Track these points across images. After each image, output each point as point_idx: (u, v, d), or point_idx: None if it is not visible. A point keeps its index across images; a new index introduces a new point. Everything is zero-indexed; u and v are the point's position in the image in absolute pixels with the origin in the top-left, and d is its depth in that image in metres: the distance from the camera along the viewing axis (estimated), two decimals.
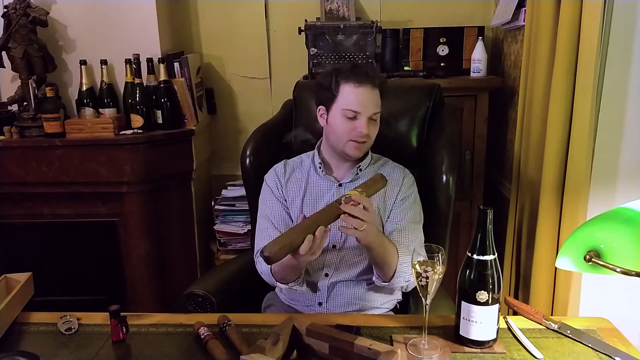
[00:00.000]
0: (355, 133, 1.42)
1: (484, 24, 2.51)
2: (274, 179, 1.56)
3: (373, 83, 1.42)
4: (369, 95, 1.41)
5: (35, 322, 1.28)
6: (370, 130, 1.43)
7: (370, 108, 1.41)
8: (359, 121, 1.41)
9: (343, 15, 2.54)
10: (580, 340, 1.16)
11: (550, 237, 1.63)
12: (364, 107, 1.41)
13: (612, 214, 1.12)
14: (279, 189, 1.54)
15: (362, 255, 1.49)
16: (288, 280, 1.43)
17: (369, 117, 1.42)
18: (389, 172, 1.52)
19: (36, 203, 2.33)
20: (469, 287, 1.11)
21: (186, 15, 2.68)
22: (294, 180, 1.55)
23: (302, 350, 1.10)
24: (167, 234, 2.44)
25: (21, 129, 2.27)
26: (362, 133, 1.41)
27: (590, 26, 1.43)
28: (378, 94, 1.45)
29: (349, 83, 1.41)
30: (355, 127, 1.41)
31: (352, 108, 1.41)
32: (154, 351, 1.16)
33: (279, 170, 1.57)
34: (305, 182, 1.53)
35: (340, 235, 1.47)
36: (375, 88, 1.43)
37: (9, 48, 2.24)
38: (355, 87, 1.41)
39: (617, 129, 1.54)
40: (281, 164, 1.59)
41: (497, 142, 2.50)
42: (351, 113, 1.41)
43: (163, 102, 2.32)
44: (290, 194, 1.53)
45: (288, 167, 1.58)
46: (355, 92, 1.41)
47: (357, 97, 1.41)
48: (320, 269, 1.51)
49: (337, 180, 1.52)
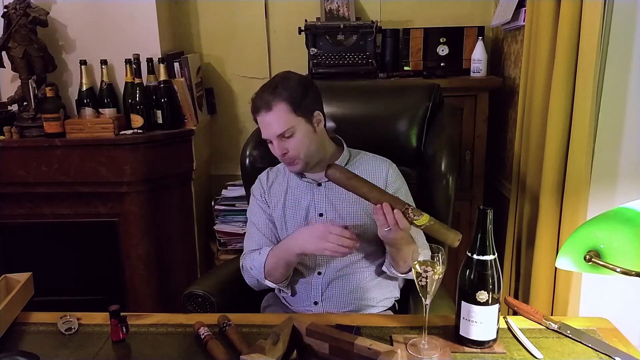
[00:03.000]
0: (277, 156, 1.48)
1: (484, 24, 2.51)
2: (258, 189, 1.61)
3: (267, 107, 1.41)
4: (267, 122, 1.43)
5: (35, 322, 1.28)
6: (289, 147, 1.44)
7: (272, 131, 1.43)
8: (273, 144, 1.46)
9: (343, 15, 2.54)
10: (580, 340, 1.16)
11: (550, 237, 1.63)
12: (267, 133, 1.45)
13: (612, 214, 1.12)
14: (262, 196, 1.59)
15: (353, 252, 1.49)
16: (275, 277, 1.46)
17: (279, 138, 1.43)
18: (371, 167, 1.53)
19: (36, 203, 2.33)
20: (469, 287, 1.11)
21: (186, 15, 2.68)
22: (276, 185, 1.59)
23: (302, 350, 1.10)
24: (167, 234, 2.43)
25: (21, 129, 2.27)
26: (279, 154, 1.46)
27: (590, 26, 1.43)
28: (282, 110, 1.41)
29: (253, 114, 1.47)
30: (274, 150, 1.47)
31: (264, 136, 1.47)
32: (154, 351, 1.16)
33: (262, 178, 1.62)
34: (286, 186, 1.57)
35: None
36: (269, 110, 1.41)
37: (9, 48, 2.24)
38: (258, 116, 1.45)
39: (617, 129, 1.54)
40: (265, 172, 1.64)
41: (497, 142, 2.50)
42: (268, 140, 1.47)
43: (163, 102, 2.32)
44: (272, 199, 1.57)
45: (271, 174, 1.62)
46: (260, 121, 1.46)
47: (261, 125, 1.46)
48: (312, 269, 1.52)
49: (315, 181, 1.54)
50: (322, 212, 1.52)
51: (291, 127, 1.42)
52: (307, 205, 1.52)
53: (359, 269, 1.51)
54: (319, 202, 1.52)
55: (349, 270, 1.50)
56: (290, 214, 1.54)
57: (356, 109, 1.80)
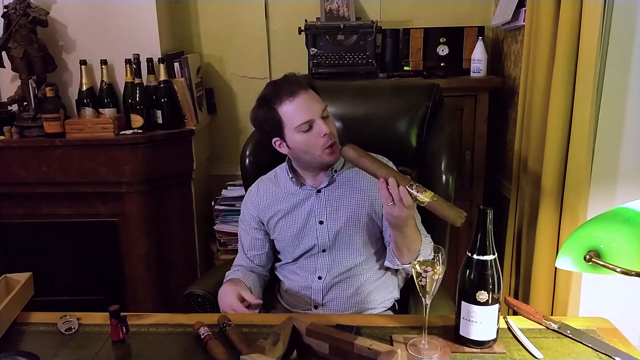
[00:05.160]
0: (322, 140, 1.39)
1: (484, 24, 2.51)
2: (247, 205, 1.57)
3: (302, 87, 1.39)
4: (307, 99, 1.38)
5: (35, 322, 1.27)
6: (331, 127, 1.41)
7: (316, 108, 1.39)
8: (317, 126, 1.38)
9: (343, 15, 2.54)
10: (580, 340, 1.16)
11: (550, 237, 1.63)
12: (312, 112, 1.38)
13: (612, 214, 1.12)
14: (254, 211, 1.54)
15: (353, 254, 1.49)
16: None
17: (322, 117, 1.39)
18: None
19: (36, 203, 2.33)
20: (469, 287, 1.11)
21: (186, 15, 2.68)
22: (271, 195, 1.54)
23: (302, 350, 1.10)
24: (167, 234, 2.44)
25: (21, 129, 2.27)
26: (327, 134, 1.38)
27: (590, 26, 1.43)
28: (313, 92, 1.42)
29: (284, 102, 1.38)
30: (318, 133, 1.38)
31: (303, 120, 1.37)
32: (154, 351, 1.16)
33: (252, 191, 1.58)
34: (284, 194, 1.53)
35: (329, 237, 1.48)
36: (307, 89, 1.40)
37: (9, 48, 2.24)
38: (292, 102, 1.38)
39: (617, 129, 1.54)
40: (254, 185, 1.59)
41: (497, 142, 2.50)
42: (305, 125, 1.38)
43: (163, 102, 2.32)
44: (268, 211, 1.53)
45: (262, 185, 1.57)
46: (295, 106, 1.38)
47: (299, 108, 1.38)
48: (312, 273, 1.51)
49: (314, 188, 1.51)
50: (323, 220, 1.49)
51: (326, 106, 1.41)
52: (307, 214, 1.50)
53: (359, 272, 1.50)
54: (319, 209, 1.50)
55: (350, 274, 1.50)
56: (290, 223, 1.51)
57: (356, 109, 1.80)
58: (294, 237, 1.51)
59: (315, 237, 1.49)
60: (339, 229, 1.48)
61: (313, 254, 1.51)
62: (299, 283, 1.52)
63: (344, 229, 1.47)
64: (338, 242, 1.49)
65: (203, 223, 2.61)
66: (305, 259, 1.52)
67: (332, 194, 1.49)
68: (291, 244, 1.52)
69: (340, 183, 1.50)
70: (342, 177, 1.51)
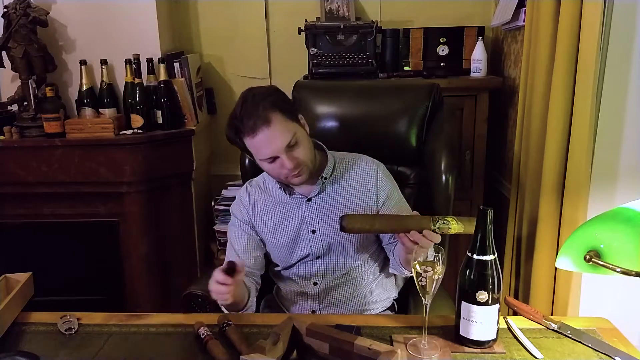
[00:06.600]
0: (284, 172, 1.36)
1: (484, 24, 2.51)
2: (239, 208, 1.52)
3: (264, 122, 1.30)
4: (268, 136, 1.31)
5: (35, 322, 1.27)
6: (298, 156, 1.35)
7: (279, 144, 1.32)
8: (280, 160, 1.34)
9: (343, 15, 2.54)
10: (580, 340, 1.16)
11: (550, 237, 1.63)
12: (274, 149, 1.32)
13: (612, 214, 1.12)
14: (246, 215, 1.50)
15: (347, 260, 1.48)
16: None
17: (288, 147, 1.33)
18: (360, 172, 1.47)
19: (36, 203, 2.33)
20: (469, 287, 1.11)
21: (186, 15, 2.68)
22: (261, 202, 1.50)
23: (302, 350, 1.10)
24: (167, 234, 2.44)
25: (21, 129, 2.27)
26: (290, 167, 1.34)
27: (590, 26, 1.43)
28: (280, 119, 1.32)
29: (247, 138, 1.33)
30: (281, 166, 1.35)
31: (266, 156, 1.34)
32: (154, 351, 1.16)
33: (243, 196, 1.53)
34: (273, 202, 1.49)
35: (322, 246, 1.47)
36: (269, 124, 1.30)
37: (9, 48, 2.24)
38: (253, 139, 1.32)
39: (617, 129, 1.54)
40: (244, 190, 1.54)
41: (497, 142, 2.50)
42: (270, 159, 1.35)
43: (163, 102, 2.32)
44: (260, 219, 1.50)
45: (252, 190, 1.53)
46: (256, 144, 1.33)
47: (261, 146, 1.33)
48: (308, 279, 1.50)
49: (305, 196, 1.47)
50: (315, 229, 1.46)
51: (294, 133, 1.33)
52: (299, 223, 1.47)
53: (355, 276, 1.49)
54: (310, 218, 1.46)
55: (348, 277, 1.49)
56: (281, 233, 1.48)
57: (356, 108, 1.80)
58: (287, 246, 1.48)
59: (308, 246, 1.47)
60: (332, 238, 1.46)
61: (307, 261, 1.49)
62: (295, 289, 1.51)
63: (337, 237, 1.45)
64: (332, 250, 1.47)
65: (203, 223, 2.61)
66: (299, 266, 1.50)
67: (323, 202, 1.46)
68: (285, 252, 1.50)
69: (331, 191, 1.47)
70: (333, 184, 1.47)
